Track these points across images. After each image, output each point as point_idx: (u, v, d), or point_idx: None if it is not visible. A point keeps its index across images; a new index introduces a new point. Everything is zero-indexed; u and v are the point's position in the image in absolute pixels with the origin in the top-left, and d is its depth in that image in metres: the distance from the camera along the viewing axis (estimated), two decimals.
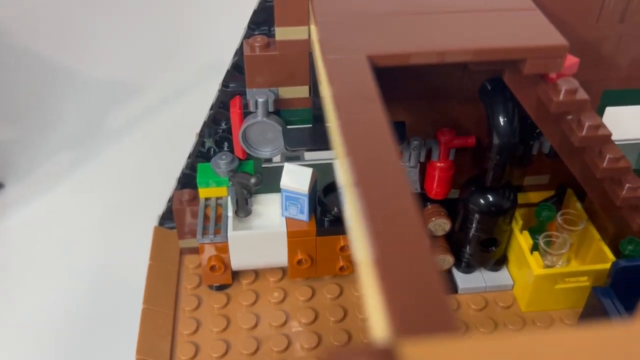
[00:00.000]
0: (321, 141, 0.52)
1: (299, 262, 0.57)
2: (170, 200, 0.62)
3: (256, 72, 0.50)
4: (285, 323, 0.56)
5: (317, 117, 0.52)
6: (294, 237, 0.55)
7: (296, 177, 0.54)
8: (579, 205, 0.59)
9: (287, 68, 0.50)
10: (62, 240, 0.71)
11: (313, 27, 0.46)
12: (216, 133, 0.57)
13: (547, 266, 0.55)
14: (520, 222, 0.58)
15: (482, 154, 0.55)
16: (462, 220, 0.57)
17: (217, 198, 0.58)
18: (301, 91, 0.52)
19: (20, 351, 0.60)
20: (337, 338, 0.54)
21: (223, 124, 0.56)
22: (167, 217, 0.63)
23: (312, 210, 0.56)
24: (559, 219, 0.57)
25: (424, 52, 0.39)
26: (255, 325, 0.55)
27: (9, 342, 0.61)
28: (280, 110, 0.53)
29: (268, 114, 0.51)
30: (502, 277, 0.59)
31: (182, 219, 0.60)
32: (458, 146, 0.55)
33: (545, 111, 0.44)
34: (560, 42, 0.40)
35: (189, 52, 1.05)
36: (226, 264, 0.56)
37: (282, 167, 0.58)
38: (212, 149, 0.58)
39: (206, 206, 0.57)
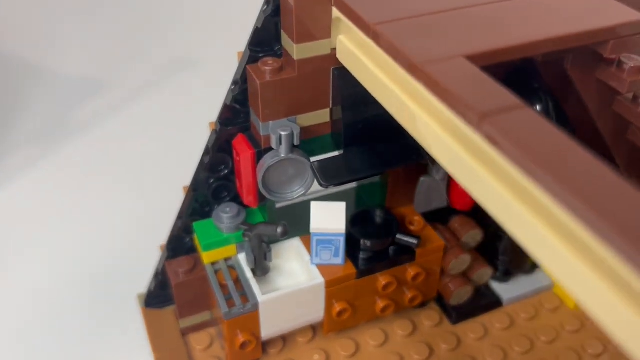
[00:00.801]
0: (360, 169, 0.44)
1: (340, 313, 0.48)
2: (159, 274, 0.50)
3: (272, 102, 0.41)
4: None
5: (345, 142, 0.44)
6: (333, 287, 0.47)
7: (329, 216, 0.46)
8: None
9: (308, 91, 0.42)
10: (24, 232, 0.69)
11: (343, 38, 0.39)
12: (211, 182, 0.47)
13: None
14: None
15: None
16: (495, 225, 0.53)
17: (226, 259, 0.48)
18: (322, 116, 0.44)
19: None
20: None
21: (223, 170, 0.47)
22: (157, 295, 0.52)
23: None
24: None
25: (517, 45, 0.34)
26: None
27: None
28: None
29: (293, 149, 0.43)
30: (540, 278, 0.56)
31: (184, 294, 0.49)
32: None
33: (608, 95, 0.41)
34: (638, 18, 0.37)
35: (155, 48, 1.07)
36: (257, 337, 0.47)
37: (296, 204, 0.50)
38: (206, 203, 0.48)
39: (216, 272, 0.47)
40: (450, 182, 0.52)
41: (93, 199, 0.74)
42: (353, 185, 0.55)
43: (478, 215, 0.55)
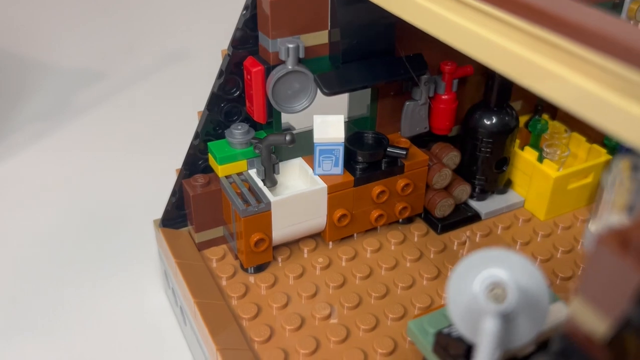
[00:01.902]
0: (357, 80, 0.51)
1: (340, 218, 0.55)
2: (176, 192, 0.56)
3: (281, 20, 0.48)
4: (344, 282, 0.53)
5: (343, 58, 0.51)
6: (334, 192, 0.53)
7: (329, 128, 0.52)
8: (556, 122, 0.65)
9: (310, 12, 0.49)
10: (23, 204, 0.75)
11: None
12: (223, 105, 0.53)
13: None
14: (518, 142, 0.62)
15: (485, 80, 0.59)
16: (471, 148, 0.60)
17: (238, 174, 0.54)
18: (322, 37, 0.51)
19: None
20: (403, 279, 0.53)
21: (234, 92, 0.53)
22: (173, 215, 0.57)
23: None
24: (547, 135, 0.63)
25: None
26: (316, 292, 0.52)
27: None
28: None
29: (298, 62, 0.49)
30: (512, 197, 0.63)
31: (200, 207, 0.54)
32: (460, 75, 0.58)
33: None
34: None
35: (149, 41, 1.16)
36: (269, 236, 0.52)
37: (298, 134, 0.57)
38: (218, 126, 0.54)
39: (230, 184, 0.53)
40: (431, 109, 0.59)
41: (93, 167, 0.81)
42: (346, 119, 0.62)
43: (456, 141, 0.62)
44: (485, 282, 0.31)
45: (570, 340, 0.26)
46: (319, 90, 0.51)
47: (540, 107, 0.66)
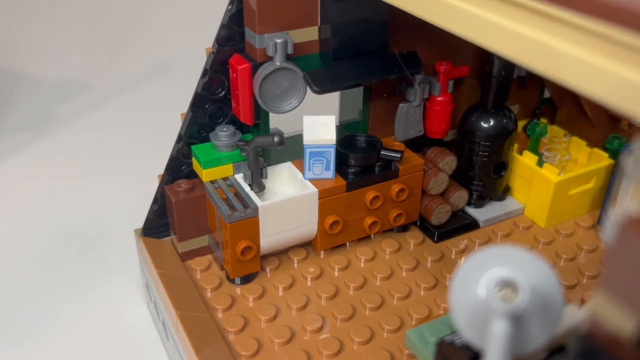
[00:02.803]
0: (347, 78, 0.49)
1: (332, 226, 0.52)
2: (158, 199, 0.53)
3: (268, 14, 0.46)
4: (336, 293, 0.50)
5: (334, 55, 0.49)
6: (326, 197, 0.51)
7: (319, 129, 0.50)
8: (555, 127, 0.63)
9: (299, 7, 0.47)
10: (3, 213, 0.72)
11: None
12: (208, 106, 0.51)
13: None
14: (516, 146, 0.59)
15: (481, 81, 0.57)
16: (468, 152, 0.57)
17: (224, 179, 0.51)
18: (311, 33, 0.48)
19: None
20: (399, 289, 0.50)
21: (220, 92, 0.50)
22: (155, 223, 0.54)
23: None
24: (545, 139, 0.61)
25: None
26: (307, 303, 0.49)
27: None
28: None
29: (287, 58, 0.47)
30: (511, 204, 0.60)
31: (183, 214, 0.51)
32: (456, 76, 0.56)
33: None
34: None
35: (133, 52, 1.15)
36: (257, 245, 0.49)
37: (288, 138, 0.54)
38: (202, 128, 0.52)
39: (215, 189, 0.50)
40: (426, 111, 0.57)
41: (76, 176, 0.78)
42: (337, 123, 0.60)
43: (452, 145, 0.59)
44: (493, 281, 0.28)
45: (593, 342, 0.23)
46: (308, 89, 0.49)
47: (539, 110, 0.63)
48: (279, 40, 0.46)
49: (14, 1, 1.39)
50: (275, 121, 0.57)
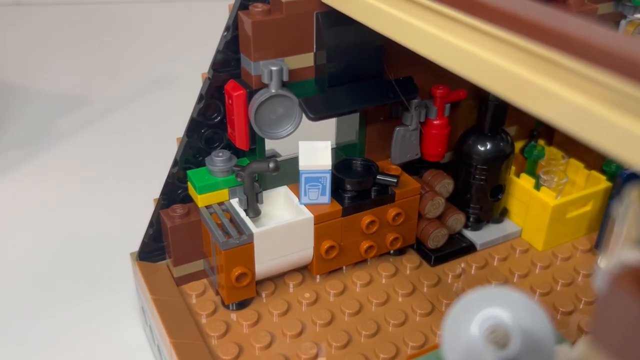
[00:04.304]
0: (343, 104, 0.49)
1: (328, 250, 0.51)
2: (153, 224, 0.53)
3: (263, 41, 0.46)
4: (332, 319, 0.50)
5: (330, 82, 0.49)
6: (322, 222, 0.50)
7: (315, 154, 0.50)
8: (553, 148, 0.63)
9: (294, 33, 0.47)
10: (17, 213, 0.74)
11: None
12: (203, 131, 0.51)
13: None
14: (513, 169, 0.59)
15: (478, 104, 0.56)
16: (465, 175, 0.57)
17: (219, 204, 0.51)
18: (307, 59, 0.48)
19: None
20: (395, 316, 0.50)
21: (215, 117, 0.50)
22: (151, 247, 0.54)
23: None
24: (543, 161, 0.60)
25: None
26: (302, 330, 0.49)
27: None
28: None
29: (282, 85, 0.47)
30: (508, 226, 0.60)
31: (179, 239, 0.51)
32: (453, 100, 0.55)
33: None
34: None
35: (133, 68, 1.15)
36: (252, 271, 0.49)
37: (283, 161, 0.54)
38: (198, 153, 0.52)
39: (211, 214, 0.50)
40: (422, 134, 0.57)
41: (73, 194, 0.78)
42: (333, 145, 0.59)
43: (449, 168, 0.59)
44: (484, 325, 0.28)
45: None
46: (304, 116, 0.49)
47: (537, 132, 0.63)
48: (274, 68, 0.46)
49: (10, 14, 1.39)
50: (272, 144, 0.57)
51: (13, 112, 0.98)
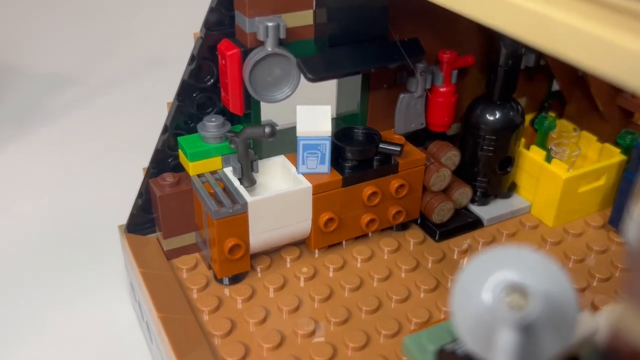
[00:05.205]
0: (344, 65, 0.46)
1: (327, 223, 0.49)
2: (142, 194, 0.50)
3: None
4: (331, 294, 0.47)
5: (330, 42, 0.46)
6: (320, 192, 0.48)
7: (314, 120, 0.47)
8: (564, 121, 0.60)
9: None
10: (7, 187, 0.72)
11: None
12: (196, 95, 0.48)
13: None
14: (523, 141, 0.56)
15: (488, 71, 0.54)
16: (472, 147, 0.54)
17: (212, 173, 0.48)
18: (306, 17, 0.45)
19: None
20: (398, 291, 0.47)
21: (208, 80, 0.47)
22: (140, 219, 0.51)
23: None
24: (554, 134, 0.57)
25: None
26: (299, 306, 0.46)
27: None
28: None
29: (279, 43, 0.44)
30: (517, 202, 0.57)
31: (169, 209, 0.48)
32: (460, 66, 0.52)
33: None
34: None
35: (125, 48, 1.10)
36: (246, 243, 0.46)
37: (281, 130, 0.51)
38: (190, 119, 0.49)
39: (203, 183, 0.47)
40: (428, 103, 0.54)
41: (62, 170, 0.75)
42: (334, 115, 0.57)
43: (456, 139, 0.56)
44: (500, 286, 0.25)
45: (615, 356, 0.20)
46: (302, 78, 0.46)
47: (547, 104, 0.60)
48: (270, 24, 0.43)
49: None
50: (269, 112, 0.54)
51: (4, 89, 0.95)
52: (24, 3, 1.31)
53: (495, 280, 0.26)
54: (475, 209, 0.56)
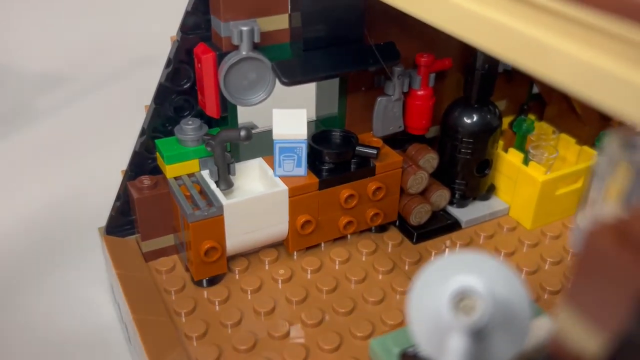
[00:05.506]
0: (319, 69, 0.46)
1: (304, 225, 0.49)
2: (121, 196, 0.50)
3: (234, 0, 0.43)
4: (306, 297, 0.47)
5: (305, 46, 0.46)
6: (297, 195, 0.48)
7: (290, 123, 0.47)
8: (544, 123, 0.60)
9: None
10: None
11: None
12: (173, 97, 0.48)
13: None
14: (501, 143, 0.56)
15: (465, 73, 0.54)
16: (450, 149, 0.55)
17: (189, 175, 0.48)
18: (281, 21, 0.46)
19: None
20: (373, 293, 0.47)
21: (185, 83, 0.48)
22: (119, 221, 0.51)
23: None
24: (533, 136, 0.58)
25: None
26: (274, 308, 0.46)
27: None
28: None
29: (254, 47, 0.44)
30: (495, 203, 0.57)
31: (146, 212, 0.49)
32: (438, 69, 0.53)
33: None
34: None
35: (117, 46, 1.10)
36: (222, 246, 0.47)
37: (259, 133, 0.51)
38: (167, 122, 0.49)
39: (179, 186, 0.47)
40: (405, 106, 0.54)
41: (45, 170, 0.76)
42: (313, 117, 0.57)
43: (434, 142, 0.57)
44: (452, 291, 0.25)
45: None
46: (278, 82, 0.46)
47: (527, 107, 0.61)
48: (244, 28, 0.43)
49: None
50: (248, 115, 0.54)
51: None
52: (12, 2, 1.31)
53: (449, 286, 0.26)
54: (454, 211, 0.56)
